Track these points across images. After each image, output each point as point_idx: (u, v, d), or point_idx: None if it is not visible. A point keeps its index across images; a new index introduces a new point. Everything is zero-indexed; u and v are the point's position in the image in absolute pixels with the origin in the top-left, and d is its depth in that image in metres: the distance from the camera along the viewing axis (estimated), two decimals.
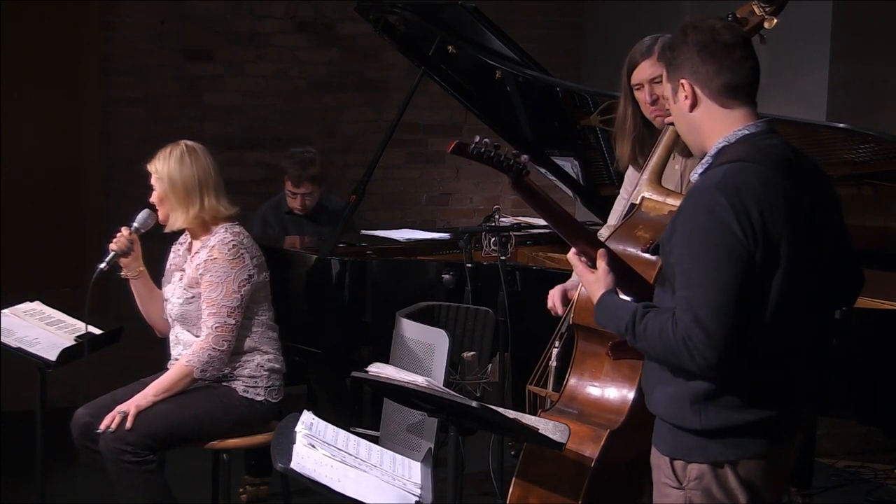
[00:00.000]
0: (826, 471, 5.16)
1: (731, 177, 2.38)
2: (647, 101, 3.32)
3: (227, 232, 3.88)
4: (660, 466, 2.57)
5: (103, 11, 6.24)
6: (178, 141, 3.97)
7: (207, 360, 3.79)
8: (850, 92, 5.52)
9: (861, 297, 3.67)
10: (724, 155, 2.47)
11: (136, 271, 4.05)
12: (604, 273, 2.64)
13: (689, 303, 2.35)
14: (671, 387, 2.48)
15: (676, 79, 2.53)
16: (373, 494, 2.60)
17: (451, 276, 4.42)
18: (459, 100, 5.05)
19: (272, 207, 5.49)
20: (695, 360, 2.34)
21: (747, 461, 2.47)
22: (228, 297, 3.81)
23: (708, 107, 2.50)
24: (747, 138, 2.47)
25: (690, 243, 2.38)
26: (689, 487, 2.50)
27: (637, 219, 3.09)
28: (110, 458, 3.70)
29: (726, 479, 2.47)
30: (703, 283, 2.34)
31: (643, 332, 2.43)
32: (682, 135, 2.63)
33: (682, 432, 2.49)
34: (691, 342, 2.33)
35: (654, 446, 2.60)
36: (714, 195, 2.37)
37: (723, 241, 2.34)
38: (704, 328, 2.32)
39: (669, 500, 2.54)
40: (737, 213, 2.34)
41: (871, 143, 3.79)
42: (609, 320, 2.57)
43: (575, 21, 7.30)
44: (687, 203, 2.46)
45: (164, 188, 3.89)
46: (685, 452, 2.50)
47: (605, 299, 2.59)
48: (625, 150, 3.42)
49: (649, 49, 3.33)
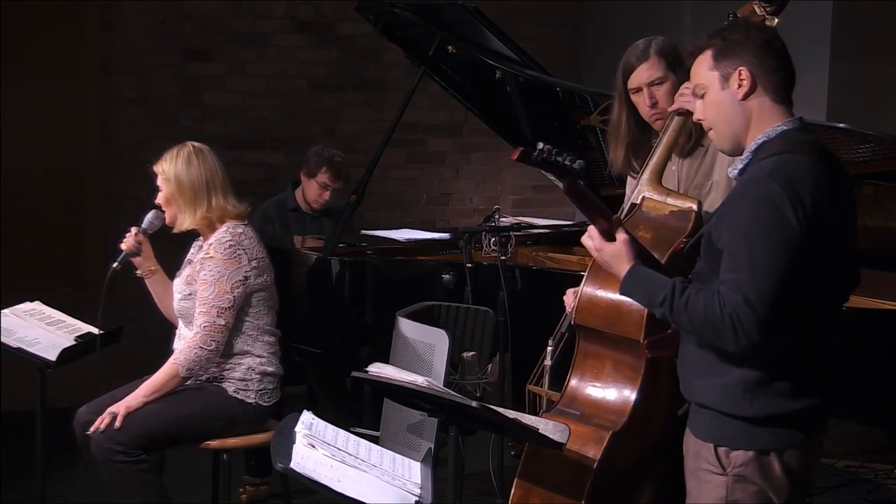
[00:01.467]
0: (826, 471, 5.16)
1: (783, 166, 2.45)
2: (647, 105, 3.31)
3: (228, 231, 3.88)
4: (700, 453, 2.60)
5: (103, 11, 6.23)
6: (184, 142, 3.98)
7: (193, 359, 3.78)
8: (850, 92, 5.51)
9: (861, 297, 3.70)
10: (765, 149, 2.52)
11: (149, 270, 4.08)
12: (624, 244, 2.67)
13: (738, 285, 2.40)
14: (720, 377, 2.52)
15: (731, 66, 2.55)
16: (373, 494, 2.60)
17: (451, 276, 4.42)
18: (459, 100, 5.05)
19: (276, 204, 5.50)
20: (738, 338, 2.40)
21: (791, 450, 2.53)
22: (220, 297, 3.80)
23: (762, 98, 2.55)
24: (786, 134, 2.54)
25: (745, 229, 2.43)
26: (732, 473, 2.54)
27: (637, 218, 3.09)
28: (102, 458, 3.70)
29: (771, 466, 2.52)
30: (756, 267, 2.39)
31: (683, 305, 2.48)
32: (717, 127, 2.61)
33: (731, 419, 2.53)
34: (738, 320, 2.39)
35: (693, 434, 2.63)
36: (769, 184, 2.42)
37: (779, 228, 2.40)
38: (754, 309, 2.38)
39: (709, 487, 2.57)
40: (792, 202, 2.40)
41: (871, 143, 3.79)
42: (639, 290, 2.61)
43: (575, 21, 7.29)
44: (739, 192, 2.50)
45: (172, 189, 3.90)
46: (731, 440, 2.54)
47: (638, 270, 2.63)
48: (618, 155, 3.42)
49: (644, 52, 3.32)
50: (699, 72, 2.61)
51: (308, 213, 5.45)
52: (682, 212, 3.08)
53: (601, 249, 2.70)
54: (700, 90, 2.61)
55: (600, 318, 3.05)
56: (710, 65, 2.58)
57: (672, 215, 3.08)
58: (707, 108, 2.61)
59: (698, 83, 2.61)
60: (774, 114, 2.56)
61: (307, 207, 5.44)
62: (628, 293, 2.65)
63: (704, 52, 2.59)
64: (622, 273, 2.65)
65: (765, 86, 2.54)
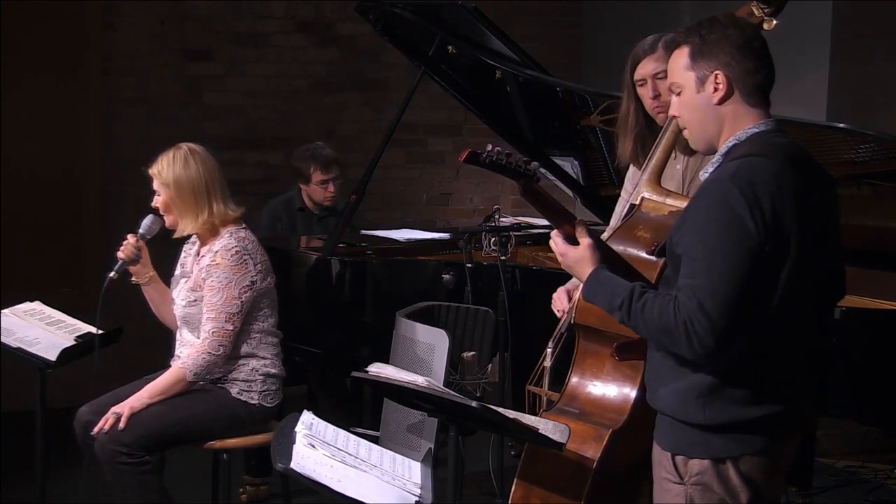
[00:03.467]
0: (826, 471, 5.16)
1: (744, 170, 2.40)
2: (650, 97, 3.32)
3: (233, 237, 3.86)
4: (661, 462, 2.58)
5: (104, 11, 6.23)
6: (178, 144, 3.93)
7: (202, 365, 3.79)
8: (850, 92, 5.51)
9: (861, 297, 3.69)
10: (734, 152, 2.49)
11: (147, 277, 4.05)
12: (588, 248, 2.66)
13: (694, 290, 2.36)
14: (676, 383, 2.50)
15: (708, 69, 2.50)
16: (373, 494, 2.60)
17: (451, 276, 4.42)
18: (459, 100, 5.05)
19: (283, 204, 5.51)
20: (692, 346, 2.36)
21: (749, 457, 2.48)
22: (228, 304, 3.80)
23: (737, 103, 2.51)
24: (758, 136, 2.50)
25: (703, 233, 2.39)
26: (689, 483, 2.51)
27: (637, 219, 3.09)
28: (106, 459, 3.69)
29: (728, 474, 2.48)
30: (712, 272, 2.35)
31: (640, 309, 2.45)
32: (691, 127, 2.59)
33: (685, 427, 2.50)
34: (692, 327, 2.35)
35: (656, 442, 2.61)
36: (728, 187, 2.38)
37: (735, 233, 2.36)
38: (708, 316, 2.34)
39: (670, 496, 2.55)
40: (750, 206, 2.36)
41: (871, 143, 3.78)
42: (601, 295, 2.58)
43: (575, 21, 7.29)
44: (700, 195, 2.47)
45: (171, 194, 3.86)
46: (687, 448, 2.51)
47: (600, 274, 2.61)
48: (627, 147, 3.43)
49: (652, 46, 3.34)
50: (675, 69, 2.57)
51: (315, 214, 5.46)
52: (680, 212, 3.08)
53: (564, 254, 2.69)
54: (676, 88, 2.57)
55: (599, 317, 3.04)
56: (686, 64, 2.53)
57: (671, 216, 3.08)
58: (682, 108, 2.58)
59: (674, 81, 2.57)
60: (749, 117, 2.51)
61: (315, 207, 5.46)
62: (589, 297, 2.62)
63: (682, 49, 2.54)
64: (583, 277, 2.63)
65: (741, 90, 2.50)
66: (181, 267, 4.04)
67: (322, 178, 5.37)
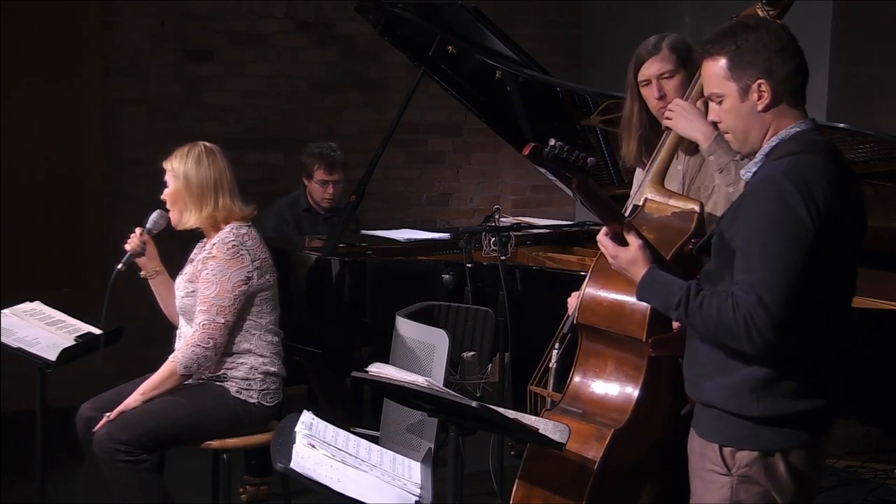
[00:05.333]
0: (826, 471, 5.16)
1: (796, 166, 2.45)
2: (655, 97, 3.31)
3: (231, 232, 3.88)
4: (704, 454, 2.59)
5: (103, 11, 6.23)
6: (195, 142, 3.98)
7: (191, 357, 3.78)
8: (850, 92, 5.52)
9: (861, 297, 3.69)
10: (778, 150, 2.52)
11: (154, 270, 4.08)
12: (639, 248, 2.67)
13: (752, 285, 2.40)
14: (727, 376, 2.52)
15: (750, 78, 2.52)
16: (373, 494, 2.60)
17: (451, 276, 4.42)
18: (459, 100, 5.05)
19: (289, 204, 5.51)
20: (752, 339, 2.40)
21: (797, 451, 2.53)
22: (221, 296, 3.80)
23: (780, 106, 2.54)
24: (800, 134, 2.54)
25: (758, 229, 2.43)
26: (737, 474, 2.53)
27: (640, 220, 3.09)
28: (104, 457, 3.69)
29: (776, 467, 2.52)
30: (770, 267, 2.39)
31: (698, 307, 2.48)
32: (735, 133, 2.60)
33: (736, 419, 2.52)
34: (752, 321, 2.39)
35: (699, 434, 2.63)
36: (783, 183, 2.42)
37: (792, 227, 2.40)
38: (768, 309, 2.38)
39: (714, 487, 2.57)
40: (805, 201, 2.40)
41: (871, 143, 3.79)
42: (655, 295, 2.61)
43: (575, 21, 7.29)
44: (753, 191, 2.50)
45: (179, 187, 3.90)
46: (737, 440, 2.54)
47: (654, 274, 2.62)
48: (631, 148, 3.42)
49: (656, 46, 3.33)
50: (713, 79, 2.58)
51: (320, 214, 5.46)
52: (684, 213, 3.08)
53: (616, 256, 2.71)
54: (716, 98, 2.59)
55: (603, 317, 3.05)
56: (725, 74, 2.54)
57: (674, 216, 3.09)
58: (725, 116, 2.59)
59: (714, 92, 2.58)
60: (790, 117, 2.55)
61: (318, 208, 5.46)
62: (644, 297, 2.66)
63: (716, 58, 2.55)
64: (638, 278, 2.65)
65: (784, 94, 2.53)
66: (189, 263, 4.04)
67: (323, 177, 5.37)
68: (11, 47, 5.94)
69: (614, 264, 2.74)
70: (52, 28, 6.09)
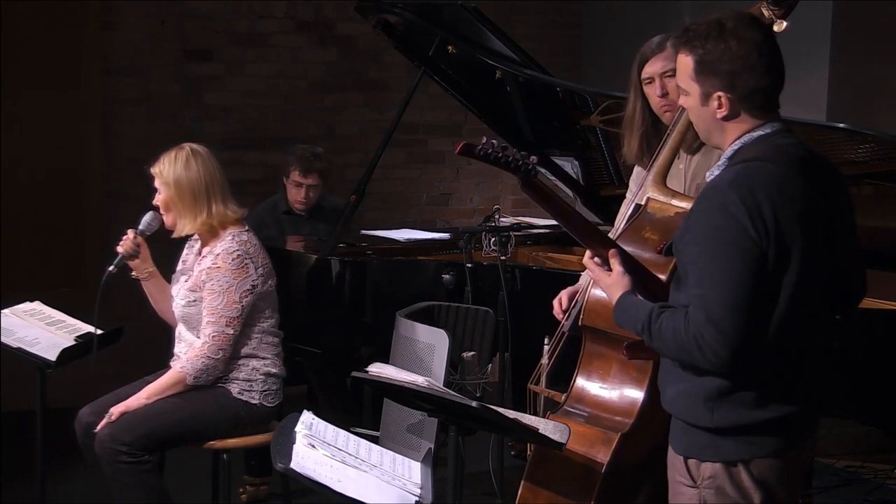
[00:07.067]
0: (826, 471, 5.16)
1: (744, 176, 2.40)
2: (657, 95, 3.32)
3: (234, 240, 3.86)
4: (674, 465, 2.58)
5: (103, 11, 6.23)
6: (181, 144, 3.94)
7: (202, 368, 3.79)
8: (850, 92, 5.51)
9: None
10: (739, 155, 2.48)
11: (146, 272, 4.05)
12: (619, 275, 2.66)
13: (702, 301, 2.36)
14: (683, 384, 2.50)
15: (711, 87, 2.47)
16: (373, 494, 2.60)
17: (451, 276, 4.42)
18: (459, 100, 5.05)
19: (269, 208, 5.48)
20: (707, 359, 2.36)
21: (761, 460, 2.47)
22: (229, 308, 3.80)
23: (742, 115, 2.49)
24: (763, 138, 2.48)
25: (704, 241, 2.39)
26: (702, 486, 2.51)
27: (643, 220, 3.09)
28: (105, 458, 3.70)
29: (740, 477, 2.48)
30: (717, 281, 2.35)
31: (658, 331, 2.45)
32: (698, 129, 2.60)
33: (696, 430, 2.50)
34: (703, 340, 2.35)
35: (670, 445, 2.61)
36: (728, 194, 2.38)
37: (737, 239, 2.35)
38: (717, 326, 2.33)
39: (685, 499, 2.55)
40: (750, 212, 2.35)
41: (871, 143, 3.79)
42: (627, 321, 2.59)
43: (575, 21, 7.29)
44: (701, 202, 2.46)
45: (171, 194, 3.87)
46: (698, 451, 2.51)
47: (624, 300, 2.61)
48: (633, 146, 3.42)
49: (660, 45, 3.34)
50: (681, 73, 2.54)
51: (302, 215, 5.43)
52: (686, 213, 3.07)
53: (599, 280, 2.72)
54: (683, 92, 2.55)
55: (607, 319, 3.04)
56: (691, 75, 2.50)
57: (677, 216, 3.07)
58: (689, 110, 2.58)
59: (680, 85, 2.55)
60: (754, 123, 2.50)
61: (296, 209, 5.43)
62: (619, 324, 2.64)
63: (686, 55, 2.50)
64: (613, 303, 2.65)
65: (745, 107, 2.48)
66: (182, 263, 4.04)
67: (297, 180, 5.31)
68: (11, 48, 5.94)
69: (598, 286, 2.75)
70: (52, 28, 6.09)
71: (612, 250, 2.69)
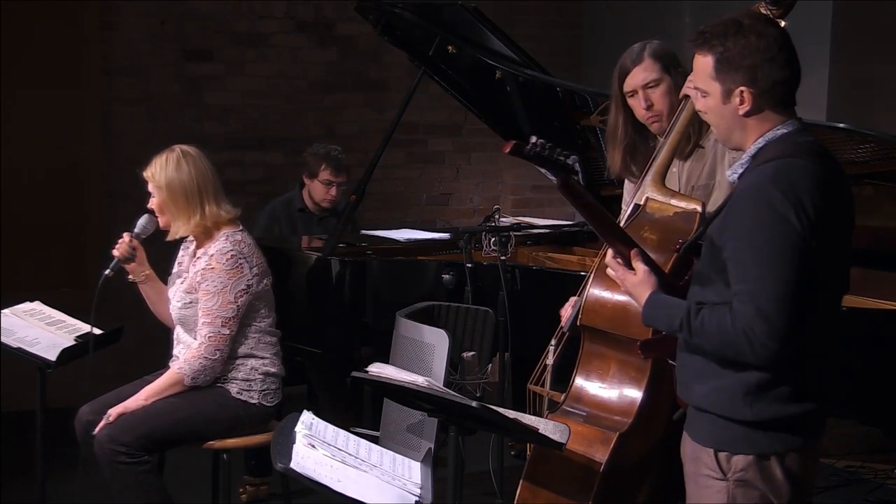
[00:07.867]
0: (826, 471, 5.16)
1: (784, 172, 2.43)
2: (643, 107, 3.31)
3: (228, 240, 3.86)
4: (699, 458, 2.58)
5: (103, 11, 6.23)
6: (172, 146, 3.93)
7: (199, 369, 3.79)
8: (850, 92, 5.51)
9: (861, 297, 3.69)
10: (765, 153, 2.51)
11: (143, 275, 4.05)
12: (645, 273, 2.67)
13: (750, 295, 2.39)
14: (718, 380, 2.51)
15: (733, 83, 2.50)
16: (373, 494, 2.60)
17: (451, 276, 4.42)
18: (459, 100, 5.05)
19: (283, 204, 5.51)
20: (756, 352, 2.39)
21: (792, 454, 2.51)
22: (224, 308, 3.80)
23: (764, 112, 2.52)
24: (785, 137, 2.52)
25: (750, 238, 2.41)
26: (732, 479, 2.52)
27: (642, 220, 3.09)
28: (104, 458, 3.70)
29: (772, 470, 2.51)
30: (765, 275, 2.38)
31: (700, 326, 2.47)
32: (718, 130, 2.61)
33: (730, 423, 2.51)
34: (753, 333, 2.37)
35: (692, 438, 2.61)
36: (771, 190, 2.41)
37: (783, 233, 2.39)
38: (767, 319, 2.36)
39: (711, 492, 2.56)
40: (794, 206, 2.39)
41: (871, 143, 3.79)
42: (659, 318, 2.61)
43: (575, 21, 7.29)
44: (741, 199, 2.48)
45: (164, 196, 3.87)
46: (731, 444, 2.53)
47: (656, 298, 2.62)
48: (616, 159, 3.42)
49: (639, 55, 3.33)
50: (700, 75, 2.56)
51: (315, 214, 5.46)
52: (686, 213, 3.07)
53: (624, 279, 2.71)
54: (702, 94, 2.57)
55: (607, 319, 3.05)
56: (711, 74, 2.53)
57: (677, 217, 3.08)
58: (709, 112, 2.59)
59: (699, 87, 2.57)
60: (776, 120, 2.53)
61: (315, 208, 5.46)
62: (649, 322, 2.65)
63: (705, 55, 2.53)
64: (642, 302, 2.65)
65: (768, 102, 2.51)
66: (178, 265, 4.04)
67: (329, 178, 5.37)
68: (11, 47, 5.94)
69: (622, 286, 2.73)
70: (52, 28, 6.09)
71: (634, 250, 2.70)
